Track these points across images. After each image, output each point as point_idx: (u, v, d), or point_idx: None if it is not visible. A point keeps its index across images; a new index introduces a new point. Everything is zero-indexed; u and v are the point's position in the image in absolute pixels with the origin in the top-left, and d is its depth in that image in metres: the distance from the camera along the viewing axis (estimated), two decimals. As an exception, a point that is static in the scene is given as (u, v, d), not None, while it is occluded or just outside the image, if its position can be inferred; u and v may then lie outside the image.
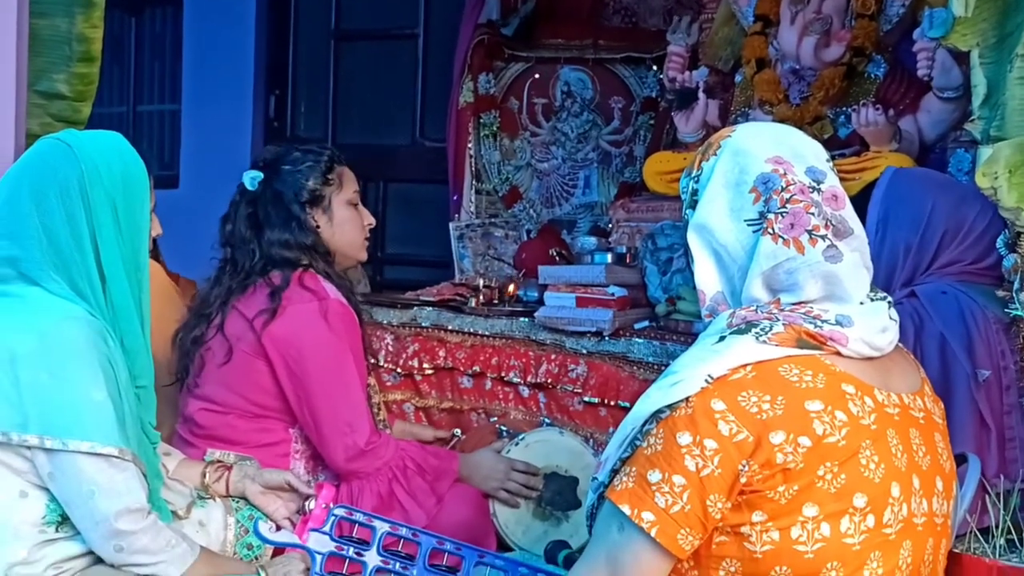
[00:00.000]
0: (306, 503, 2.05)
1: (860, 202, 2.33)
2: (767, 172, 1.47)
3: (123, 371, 1.89)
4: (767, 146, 1.52)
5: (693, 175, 1.56)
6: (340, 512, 1.93)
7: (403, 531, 1.94)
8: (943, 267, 2.23)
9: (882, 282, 2.23)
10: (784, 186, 1.46)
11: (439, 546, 1.94)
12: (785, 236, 1.44)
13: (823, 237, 1.44)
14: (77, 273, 1.87)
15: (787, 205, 1.45)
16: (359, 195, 2.64)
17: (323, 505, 1.97)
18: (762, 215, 1.46)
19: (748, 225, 1.47)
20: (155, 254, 2.92)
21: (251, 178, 2.53)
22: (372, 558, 1.90)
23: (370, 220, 2.66)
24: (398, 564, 1.91)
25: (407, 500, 2.43)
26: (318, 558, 1.88)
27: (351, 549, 1.90)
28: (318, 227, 2.53)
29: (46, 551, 1.84)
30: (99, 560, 1.87)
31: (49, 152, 1.92)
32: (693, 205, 1.54)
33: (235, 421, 2.47)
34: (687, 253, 1.57)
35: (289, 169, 2.52)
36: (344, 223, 2.57)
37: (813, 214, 1.45)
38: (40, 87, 2.54)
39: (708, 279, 1.52)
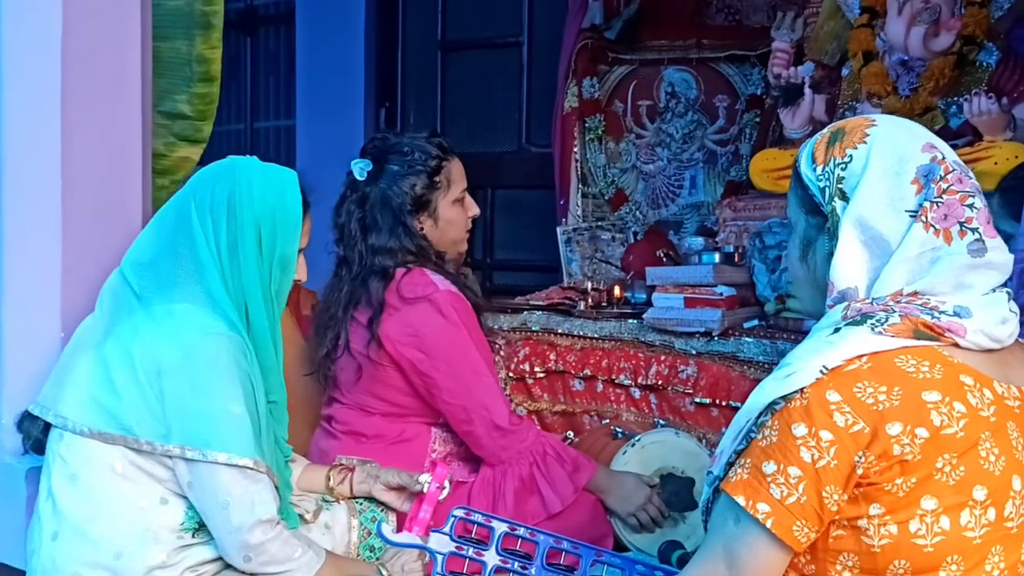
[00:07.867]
0: (420, 481, 2.09)
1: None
2: (926, 163, 1.44)
3: (260, 387, 1.95)
4: (917, 133, 1.49)
5: (838, 163, 1.48)
6: (459, 513, 1.96)
7: (521, 531, 1.97)
8: None
9: None
10: (943, 174, 1.43)
11: (556, 545, 1.95)
12: (937, 226, 1.42)
13: (973, 230, 1.42)
14: (217, 288, 1.93)
15: (943, 195, 1.42)
16: (466, 189, 2.61)
17: (436, 485, 2.00)
18: (920, 204, 1.43)
19: (907, 214, 1.43)
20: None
21: (360, 168, 2.53)
22: (491, 557, 1.92)
23: (475, 211, 2.63)
24: (516, 564, 1.92)
25: (545, 485, 2.45)
26: (439, 558, 1.91)
27: (471, 549, 1.92)
28: (423, 229, 2.54)
29: (183, 555, 1.92)
30: (230, 564, 1.93)
31: (214, 169, 2.02)
32: (842, 195, 1.47)
33: (377, 421, 2.53)
34: (808, 244, 1.54)
35: (397, 170, 2.51)
36: (448, 224, 2.57)
37: (969, 206, 1.42)
38: (163, 107, 2.61)
39: (849, 271, 1.46)
